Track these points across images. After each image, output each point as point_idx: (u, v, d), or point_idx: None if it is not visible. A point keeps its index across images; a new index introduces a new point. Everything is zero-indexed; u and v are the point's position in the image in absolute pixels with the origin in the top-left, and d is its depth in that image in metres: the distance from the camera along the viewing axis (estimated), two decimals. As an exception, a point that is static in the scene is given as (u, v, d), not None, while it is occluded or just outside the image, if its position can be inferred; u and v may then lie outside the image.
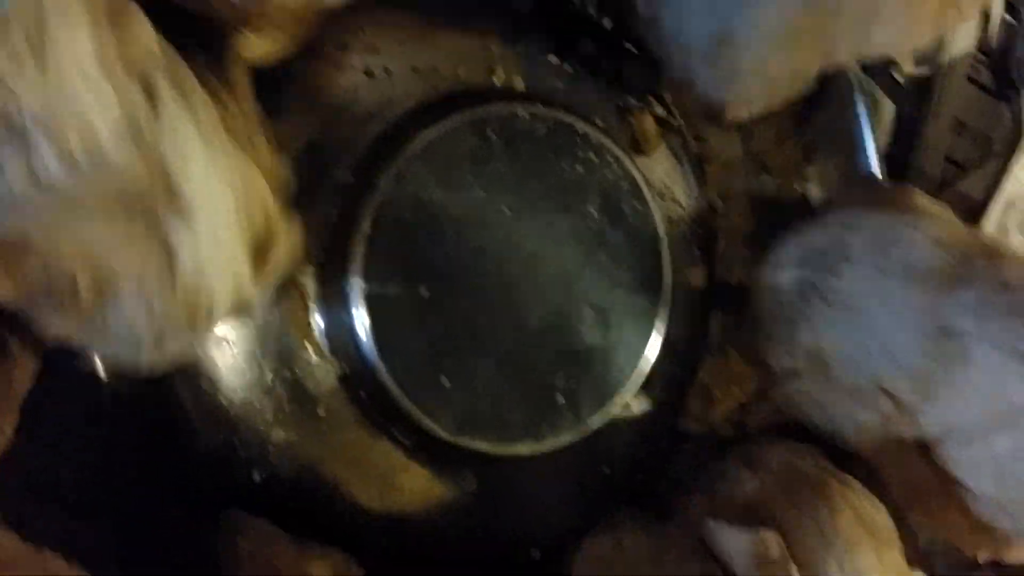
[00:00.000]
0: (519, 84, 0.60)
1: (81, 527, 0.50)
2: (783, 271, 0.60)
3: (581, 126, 0.57)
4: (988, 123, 0.79)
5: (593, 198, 0.57)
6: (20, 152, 0.36)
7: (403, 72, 0.58)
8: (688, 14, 0.57)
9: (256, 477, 0.56)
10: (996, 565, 0.64)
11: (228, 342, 0.55)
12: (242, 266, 0.45)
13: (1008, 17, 0.79)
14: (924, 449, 0.59)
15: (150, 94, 0.40)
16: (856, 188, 0.67)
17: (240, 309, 0.47)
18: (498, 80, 0.59)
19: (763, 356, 0.63)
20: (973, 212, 0.77)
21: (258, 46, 0.50)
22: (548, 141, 0.56)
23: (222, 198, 0.43)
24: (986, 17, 0.79)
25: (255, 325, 0.56)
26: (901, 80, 0.75)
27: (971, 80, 0.79)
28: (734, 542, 0.56)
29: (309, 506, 0.57)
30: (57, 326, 0.42)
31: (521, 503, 0.62)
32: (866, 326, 0.57)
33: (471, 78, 0.59)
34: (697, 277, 0.67)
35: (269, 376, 0.56)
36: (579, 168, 0.57)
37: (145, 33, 0.40)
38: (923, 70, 0.77)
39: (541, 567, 0.61)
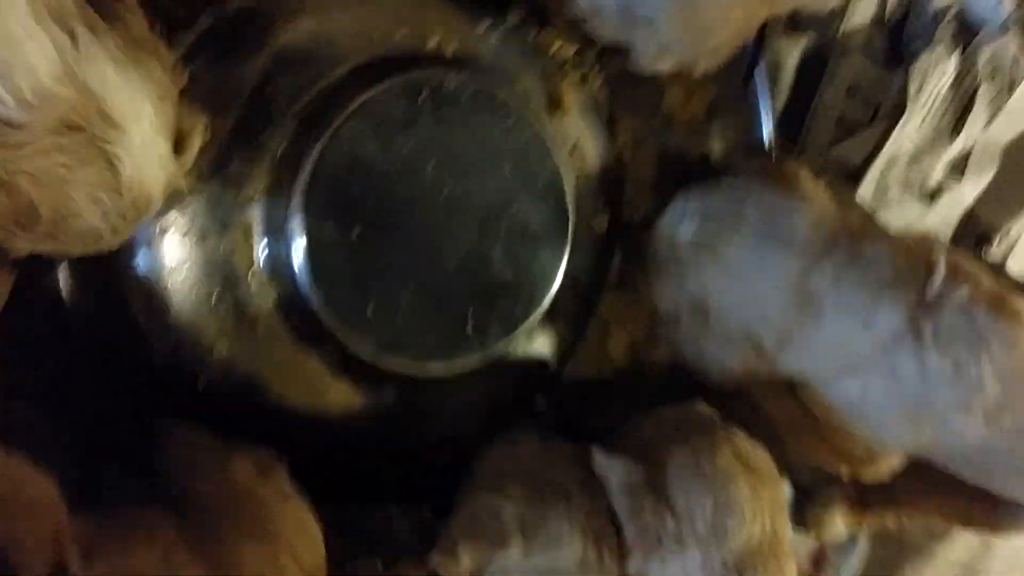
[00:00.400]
0: (449, 51, 0.66)
1: (45, 430, 0.58)
2: (682, 226, 0.69)
3: (501, 94, 0.65)
4: (878, 90, 0.87)
5: (509, 157, 0.65)
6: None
7: (347, 33, 0.64)
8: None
9: (200, 386, 0.64)
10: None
11: (179, 267, 0.63)
12: (168, 159, 0.55)
13: (906, -9, 0.87)
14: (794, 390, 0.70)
15: (71, 35, 0.48)
16: (753, 160, 0.76)
17: (173, 194, 0.57)
18: (431, 46, 0.66)
19: (652, 298, 0.72)
20: (855, 172, 0.86)
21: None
22: (471, 106, 0.64)
23: (143, 107, 0.52)
24: (885, -10, 0.86)
25: (205, 252, 0.63)
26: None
27: (866, 50, 0.87)
28: (609, 467, 0.66)
29: (246, 412, 0.65)
30: (25, 244, 0.51)
31: (435, 417, 0.71)
32: (745, 285, 0.67)
33: (407, 43, 0.65)
34: (601, 224, 0.75)
35: (214, 298, 0.64)
36: (497, 132, 0.64)
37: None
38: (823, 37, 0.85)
39: (453, 472, 0.70)
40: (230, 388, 0.64)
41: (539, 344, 0.73)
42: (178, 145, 0.57)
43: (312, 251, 0.62)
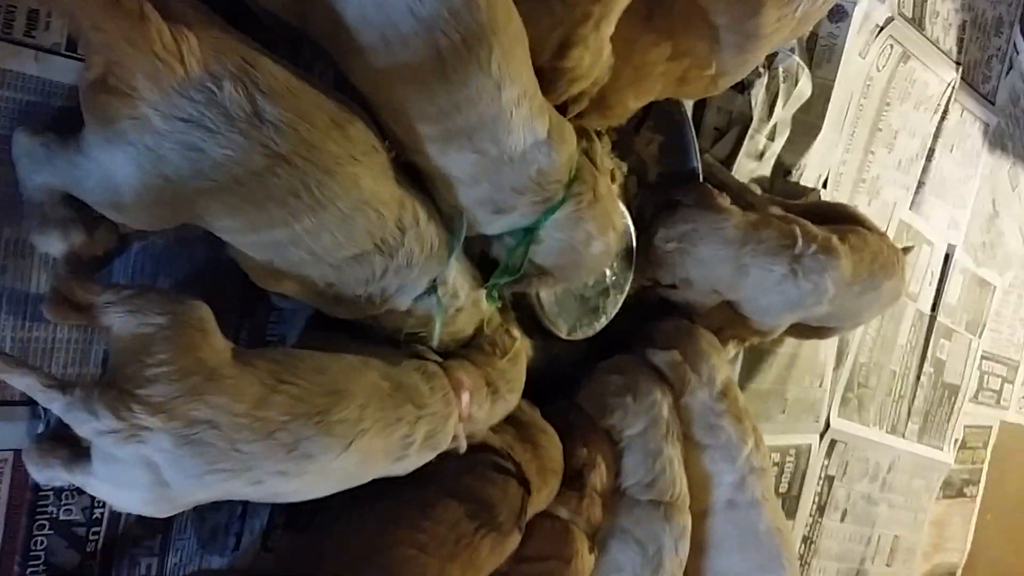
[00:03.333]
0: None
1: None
2: (668, 243, 1.27)
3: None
4: (731, 106, 1.46)
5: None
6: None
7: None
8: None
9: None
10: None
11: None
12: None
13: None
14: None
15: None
16: (692, 191, 1.32)
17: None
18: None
19: (653, 275, 1.31)
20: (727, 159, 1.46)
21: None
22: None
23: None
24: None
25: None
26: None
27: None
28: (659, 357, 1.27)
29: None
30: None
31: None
32: (707, 267, 1.28)
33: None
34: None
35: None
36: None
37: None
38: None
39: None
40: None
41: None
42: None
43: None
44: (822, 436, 1.76)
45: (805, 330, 1.44)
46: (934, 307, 1.99)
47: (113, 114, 0.70)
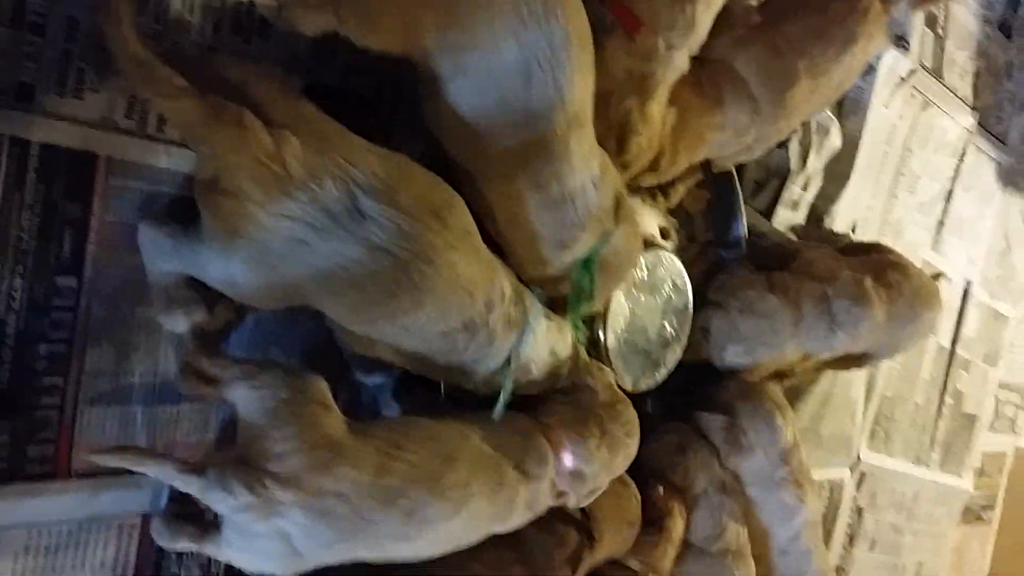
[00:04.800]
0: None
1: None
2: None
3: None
4: (768, 160, 1.54)
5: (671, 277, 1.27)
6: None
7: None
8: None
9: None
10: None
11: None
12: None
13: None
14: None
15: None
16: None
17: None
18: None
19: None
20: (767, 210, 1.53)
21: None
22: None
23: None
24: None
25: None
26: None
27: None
28: (707, 419, 1.34)
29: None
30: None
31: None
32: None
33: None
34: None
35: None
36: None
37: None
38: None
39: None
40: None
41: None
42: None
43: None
44: (852, 469, 1.83)
45: (846, 360, 1.50)
46: (954, 341, 2.06)
47: (227, 213, 0.76)
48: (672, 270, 1.30)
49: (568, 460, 0.97)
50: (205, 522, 0.83)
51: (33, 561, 0.84)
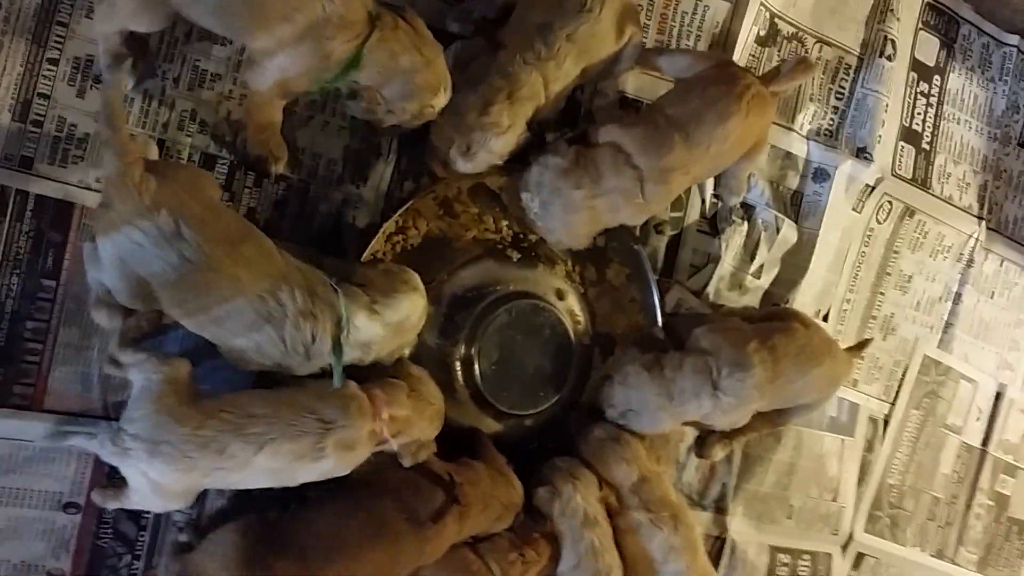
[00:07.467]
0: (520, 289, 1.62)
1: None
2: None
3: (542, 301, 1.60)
4: (707, 248, 1.82)
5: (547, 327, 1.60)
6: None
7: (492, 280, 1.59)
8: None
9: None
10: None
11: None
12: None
13: (714, 198, 1.82)
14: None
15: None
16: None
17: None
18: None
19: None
20: (700, 290, 1.81)
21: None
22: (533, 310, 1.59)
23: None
24: (702, 199, 1.81)
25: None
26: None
27: (698, 229, 1.82)
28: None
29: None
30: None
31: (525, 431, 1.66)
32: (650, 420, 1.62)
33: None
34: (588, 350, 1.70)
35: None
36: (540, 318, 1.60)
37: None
38: (677, 227, 1.80)
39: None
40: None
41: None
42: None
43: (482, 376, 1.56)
44: (844, 548, 1.94)
45: (769, 417, 1.69)
46: (985, 442, 2.11)
47: (102, 221, 1.19)
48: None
49: (383, 412, 1.32)
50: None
51: (13, 465, 1.34)
